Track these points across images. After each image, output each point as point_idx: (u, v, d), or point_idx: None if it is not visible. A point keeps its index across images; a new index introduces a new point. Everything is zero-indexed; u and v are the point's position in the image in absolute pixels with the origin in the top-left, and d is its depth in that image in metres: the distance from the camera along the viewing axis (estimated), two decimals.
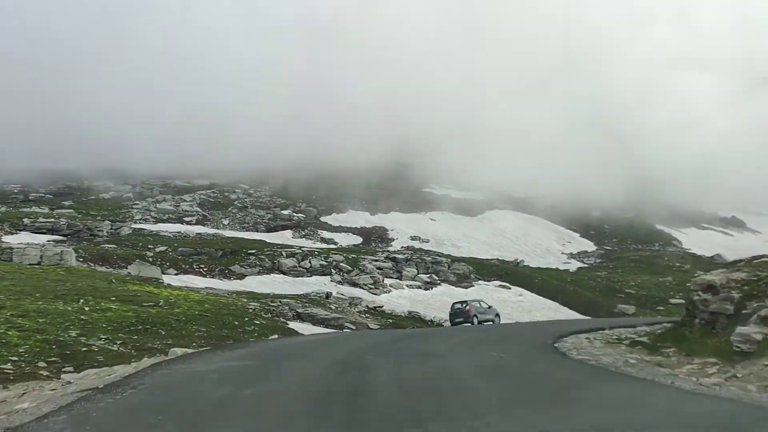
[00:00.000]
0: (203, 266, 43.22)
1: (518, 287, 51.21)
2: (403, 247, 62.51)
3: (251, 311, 27.34)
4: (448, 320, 37.32)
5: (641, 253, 72.44)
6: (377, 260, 50.40)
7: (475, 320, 35.27)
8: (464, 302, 37.36)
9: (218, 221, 63.88)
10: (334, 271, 46.33)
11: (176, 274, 39.86)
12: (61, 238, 46.90)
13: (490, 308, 38.13)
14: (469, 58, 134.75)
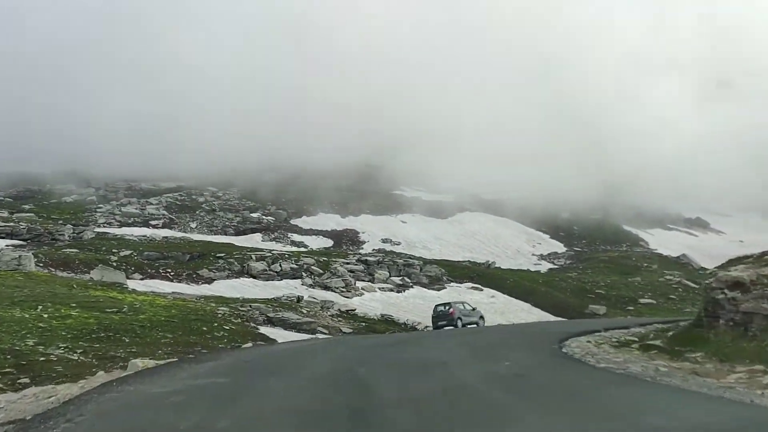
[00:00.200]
0: (170, 270, 42.09)
1: (490, 289, 51.12)
2: (374, 249, 62.04)
3: (220, 316, 26.49)
4: (420, 323, 36.79)
5: (610, 253, 73.22)
6: (349, 263, 49.82)
7: (459, 323, 33.85)
8: (448, 304, 35.82)
9: (186, 224, 62.54)
10: (305, 274, 45.61)
11: (142, 278, 38.70)
12: (20, 242, 45.28)
13: (474, 310, 36.73)
14: (440, 60, 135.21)
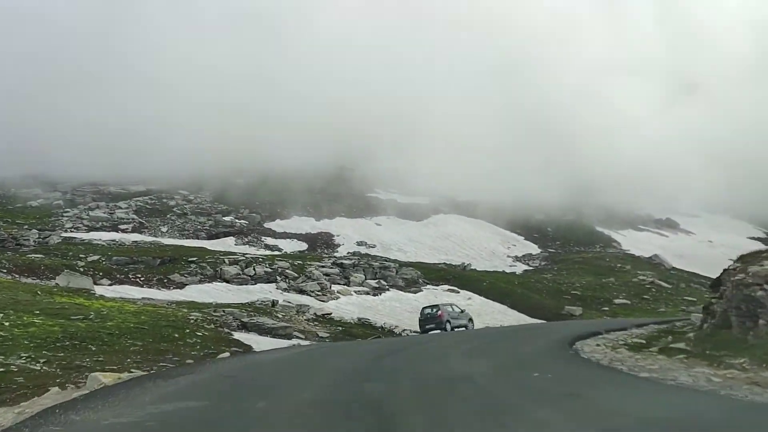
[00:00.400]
0: (140, 276, 40.90)
1: (467, 291, 50.85)
2: (349, 252, 61.40)
3: (192, 322, 25.63)
4: (397, 327, 36.29)
5: (584, 254, 73.64)
6: (324, 266, 49.11)
7: (448, 326, 32.77)
8: (435, 306, 34.63)
9: (156, 229, 61.14)
10: (279, 278, 44.76)
11: (110, 284, 37.49)
12: None
13: (463, 312, 35.55)
14: (410, 62, 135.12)
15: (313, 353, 18.53)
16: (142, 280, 40.10)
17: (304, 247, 62.35)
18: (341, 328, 33.68)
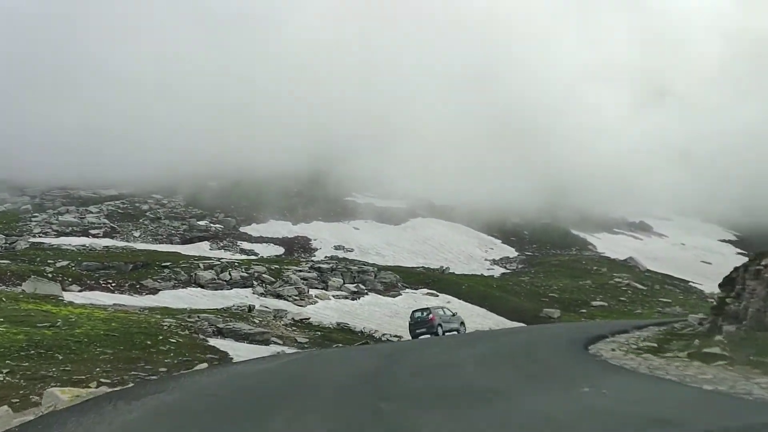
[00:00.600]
0: (111, 281, 39.72)
1: (446, 294, 50.50)
2: (327, 256, 60.69)
3: (166, 328, 24.75)
4: (377, 331, 35.71)
5: (560, 257, 73.89)
6: (301, 270, 48.34)
7: (440, 330, 31.38)
8: (426, 309, 33.33)
9: (128, 233, 59.70)
10: (256, 282, 43.89)
11: (80, 290, 36.27)
12: None
13: (454, 316, 34.21)
14: (387, 64, 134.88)
15: (301, 363, 16.46)
16: (113, 285, 38.96)
17: (281, 251, 61.49)
18: (320, 333, 33.00)
